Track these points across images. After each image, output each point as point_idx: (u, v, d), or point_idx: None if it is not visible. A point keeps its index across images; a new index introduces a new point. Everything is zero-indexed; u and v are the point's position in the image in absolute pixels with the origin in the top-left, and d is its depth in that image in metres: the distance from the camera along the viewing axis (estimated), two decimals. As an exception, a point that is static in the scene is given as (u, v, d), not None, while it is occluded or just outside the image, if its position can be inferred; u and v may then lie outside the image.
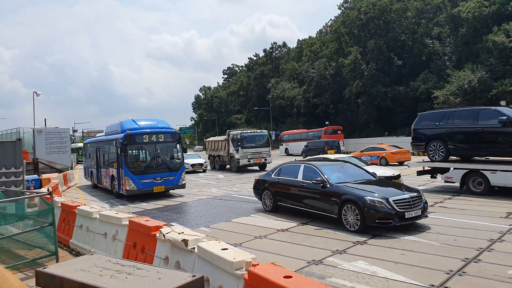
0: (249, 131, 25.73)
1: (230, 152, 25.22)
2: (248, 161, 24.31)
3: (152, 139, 14.50)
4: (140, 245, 5.54)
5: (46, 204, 6.90)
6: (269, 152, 25.40)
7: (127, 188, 13.88)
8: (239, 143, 24.31)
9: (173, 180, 14.62)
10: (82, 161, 55.85)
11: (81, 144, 60.69)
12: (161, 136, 14.67)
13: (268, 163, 25.30)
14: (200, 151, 63.89)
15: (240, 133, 24.91)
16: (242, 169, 25.43)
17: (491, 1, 44.84)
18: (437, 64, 47.48)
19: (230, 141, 25.08)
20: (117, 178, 14.78)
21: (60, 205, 8.50)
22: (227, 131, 26.66)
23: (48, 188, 9.43)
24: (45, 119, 46.02)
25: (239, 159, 24.33)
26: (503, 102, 34.72)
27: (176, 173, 14.69)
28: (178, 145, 15.16)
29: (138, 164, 14.58)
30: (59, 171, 24.26)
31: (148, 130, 14.67)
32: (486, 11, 44.43)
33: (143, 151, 15.09)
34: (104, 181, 17.09)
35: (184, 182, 15.01)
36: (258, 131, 26.50)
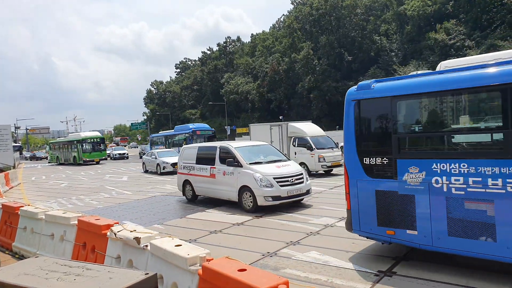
0: None
1: None
2: None
3: None
4: (90, 245, 5.35)
5: (-15, 206, 6.46)
6: None
7: None
8: None
9: None
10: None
11: (85, 134, 39.55)
12: None
13: None
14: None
15: None
16: None
17: (433, 0, 47.41)
18: (384, 60, 49.52)
19: None
20: None
21: (0, 206, 7.98)
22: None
23: (-13, 189, 8.83)
24: (-17, 115, 42.35)
25: None
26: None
27: None
28: None
29: None
30: (0, 170, 22.80)
31: None
32: (429, 10, 46.94)
33: None
34: None
35: None
36: None
